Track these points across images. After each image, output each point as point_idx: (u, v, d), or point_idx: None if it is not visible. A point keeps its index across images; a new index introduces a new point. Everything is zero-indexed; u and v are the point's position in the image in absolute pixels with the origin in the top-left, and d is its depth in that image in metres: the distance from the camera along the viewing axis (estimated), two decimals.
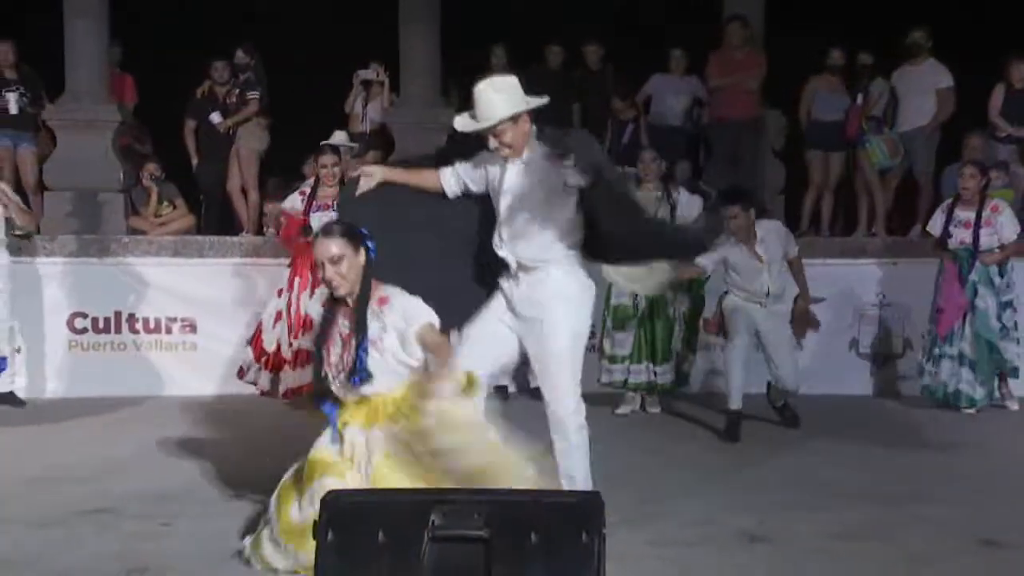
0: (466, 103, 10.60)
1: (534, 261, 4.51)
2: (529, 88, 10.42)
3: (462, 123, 4.50)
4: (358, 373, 4.12)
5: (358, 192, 4.64)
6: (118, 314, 8.51)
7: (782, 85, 9.91)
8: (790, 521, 4.79)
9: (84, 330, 8.50)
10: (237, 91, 9.80)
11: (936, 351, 7.78)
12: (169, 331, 8.56)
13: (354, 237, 4.21)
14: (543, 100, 4.63)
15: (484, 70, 9.98)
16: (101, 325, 8.52)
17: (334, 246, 4.16)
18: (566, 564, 2.76)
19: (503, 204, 4.54)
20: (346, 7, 11.63)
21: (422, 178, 4.72)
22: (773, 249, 6.87)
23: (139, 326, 8.52)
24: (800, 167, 9.95)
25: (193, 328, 8.53)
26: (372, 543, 2.81)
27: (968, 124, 9.11)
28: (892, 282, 8.59)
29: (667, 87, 9.96)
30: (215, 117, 9.80)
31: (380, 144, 9.97)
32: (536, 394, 8.18)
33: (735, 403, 6.86)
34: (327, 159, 7.67)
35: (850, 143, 9.48)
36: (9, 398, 7.87)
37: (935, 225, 7.88)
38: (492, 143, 4.45)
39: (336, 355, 4.22)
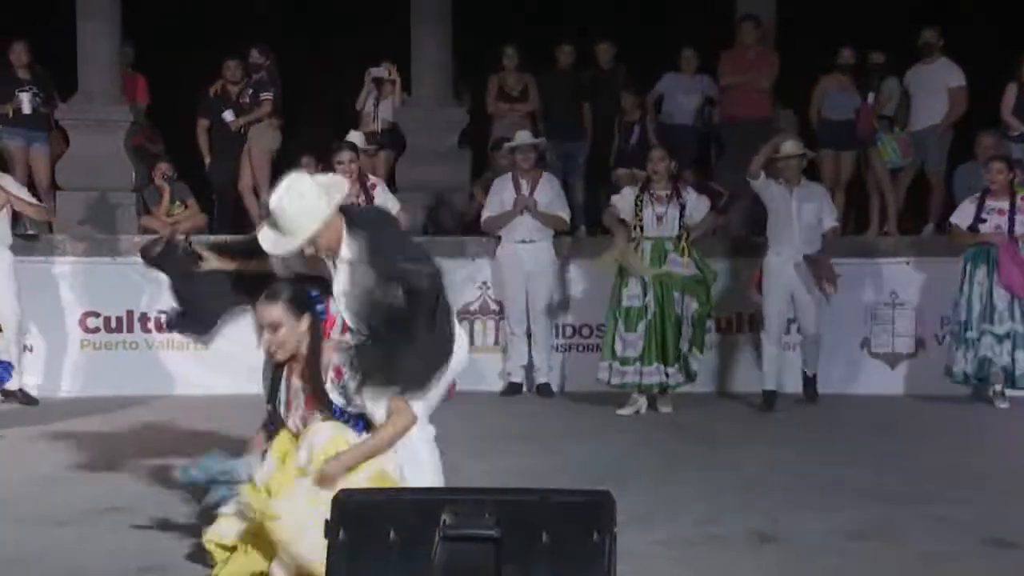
0: (476, 103, 10.63)
1: None
2: (540, 88, 10.42)
3: (271, 244, 4.15)
4: (355, 421, 4.00)
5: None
6: (130, 313, 8.54)
7: (794, 85, 9.90)
8: (800, 521, 4.79)
9: (96, 329, 8.54)
10: (250, 91, 9.83)
11: (970, 334, 7.73)
12: None
13: (299, 302, 4.03)
14: (344, 186, 4.34)
15: (496, 70, 10.06)
16: (113, 324, 8.56)
17: (274, 312, 3.98)
18: (576, 564, 2.76)
19: (344, 312, 4.26)
20: (358, 7, 11.66)
21: (254, 265, 4.45)
22: (810, 206, 7.71)
23: (151, 325, 8.55)
24: (811, 166, 9.91)
25: None
26: (383, 542, 2.81)
27: (980, 123, 9.09)
28: (904, 281, 8.58)
29: (679, 86, 9.97)
30: (228, 115, 9.83)
31: (392, 143, 10.00)
32: (544, 390, 8.28)
33: (770, 384, 7.78)
34: (344, 156, 7.59)
35: (861, 142, 9.46)
36: (22, 395, 7.90)
37: (964, 215, 7.90)
38: (308, 251, 4.16)
39: (297, 416, 4.08)
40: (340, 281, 4.22)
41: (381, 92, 9.91)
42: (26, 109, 9.32)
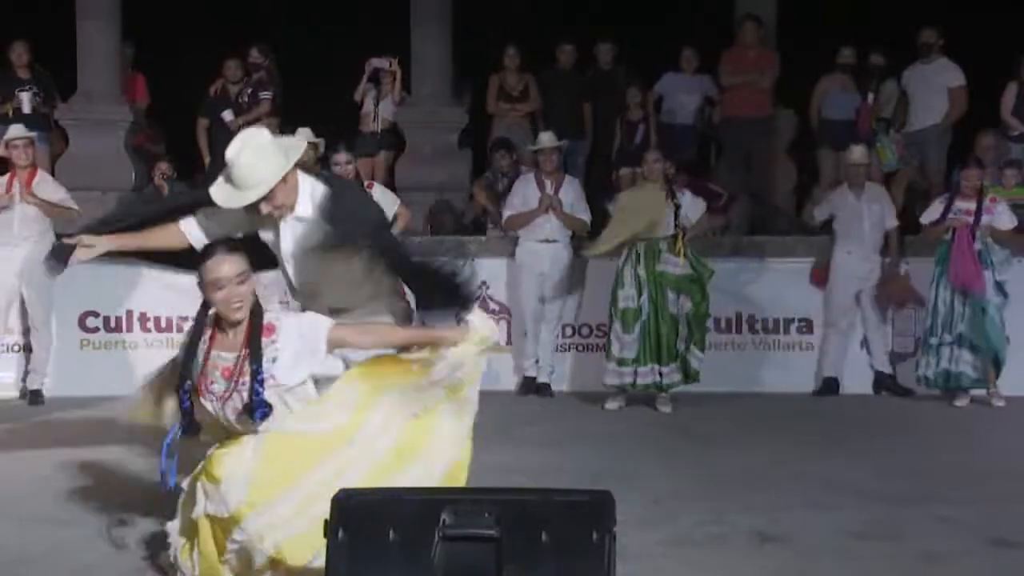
0: (476, 103, 10.59)
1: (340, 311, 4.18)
2: (540, 88, 10.41)
3: (224, 197, 4.03)
4: (259, 408, 3.77)
5: (72, 262, 4.26)
6: (129, 313, 8.52)
7: (794, 85, 9.89)
8: (802, 521, 4.79)
9: (95, 329, 8.52)
10: (249, 90, 9.84)
11: (933, 340, 7.83)
12: (180, 330, 8.55)
13: (244, 255, 3.89)
14: (302, 145, 4.26)
15: (497, 69, 10.05)
16: (112, 324, 8.54)
17: (239, 262, 3.82)
18: (576, 563, 2.76)
19: (290, 267, 4.24)
20: (358, 7, 11.64)
21: (159, 238, 4.30)
22: (875, 207, 8.16)
23: (150, 325, 8.54)
24: (812, 166, 9.93)
25: None
26: (383, 542, 2.81)
27: (980, 123, 9.09)
28: None
29: (679, 86, 9.96)
30: (227, 115, 9.83)
31: (391, 143, 9.99)
32: (544, 390, 8.27)
33: (831, 371, 8.27)
34: (340, 156, 7.67)
35: (861, 142, 9.46)
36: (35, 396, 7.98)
37: (932, 214, 8.01)
38: (264, 208, 4.07)
39: (217, 391, 3.86)
40: (287, 237, 4.18)
41: (380, 89, 9.90)
42: (26, 108, 9.32)
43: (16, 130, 7.98)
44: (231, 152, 4.01)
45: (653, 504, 5.01)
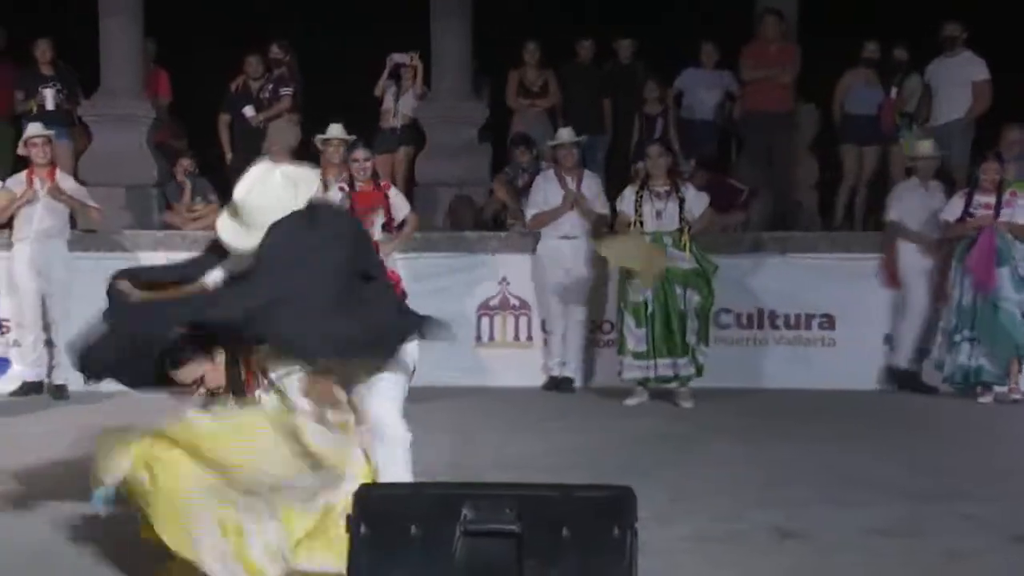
0: (496, 98, 10.50)
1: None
2: (560, 83, 10.34)
3: (232, 236, 4.04)
4: None
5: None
6: None
7: (815, 80, 9.85)
8: (821, 517, 4.78)
9: None
10: (271, 86, 9.88)
11: (957, 337, 7.80)
12: None
13: (203, 343, 3.95)
14: (314, 179, 4.08)
15: (517, 65, 10.05)
16: None
17: (190, 371, 3.96)
18: (598, 558, 2.76)
19: None
20: (378, 3, 11.67)
21: (187, 289, 4.26)
22: (940, 197, 8.16)
23: None
24: (834, 161, 9.88)
25: None
26: (404, 537, 2.82)
27: (1005, 117, 9.01)
28: None
29: (699, 81, 9.92)
30: (248, 110, 9.88)
31: (411, 138, 10.00)
32: (565, 385, 8.28)
33: (902, 362, 8.23)
34: (359, 154, 7.74)
35: (884, 137, 9.42)
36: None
37: (953, 210, 7.96)
38: None
39: None
40: None
41: (401, 85, 9.91)
42: (49, 105, 9.41)
43: (34, 128, 8.05)
44: (241, 192, 3.93)
45: (673, 499, 5.00)
